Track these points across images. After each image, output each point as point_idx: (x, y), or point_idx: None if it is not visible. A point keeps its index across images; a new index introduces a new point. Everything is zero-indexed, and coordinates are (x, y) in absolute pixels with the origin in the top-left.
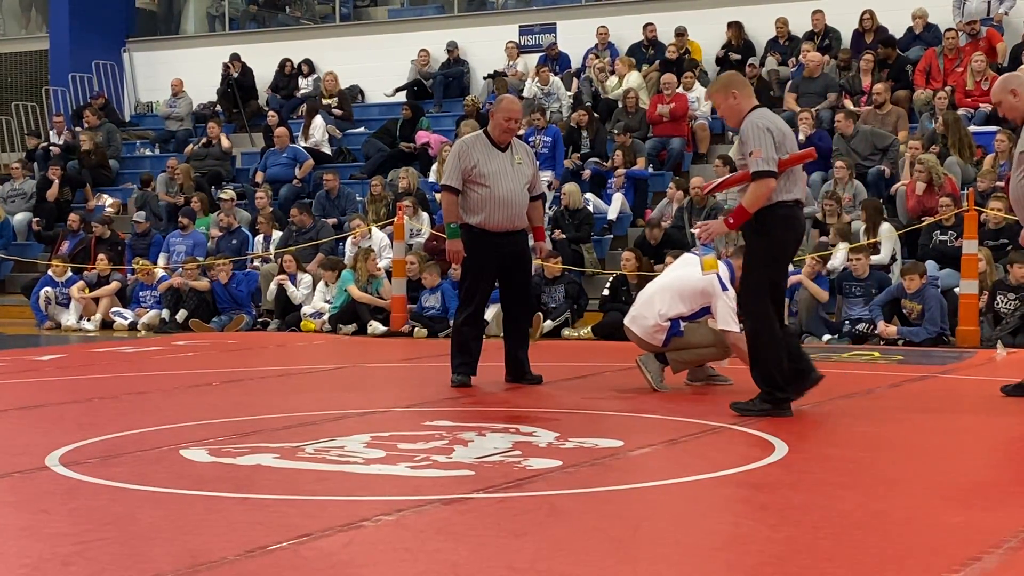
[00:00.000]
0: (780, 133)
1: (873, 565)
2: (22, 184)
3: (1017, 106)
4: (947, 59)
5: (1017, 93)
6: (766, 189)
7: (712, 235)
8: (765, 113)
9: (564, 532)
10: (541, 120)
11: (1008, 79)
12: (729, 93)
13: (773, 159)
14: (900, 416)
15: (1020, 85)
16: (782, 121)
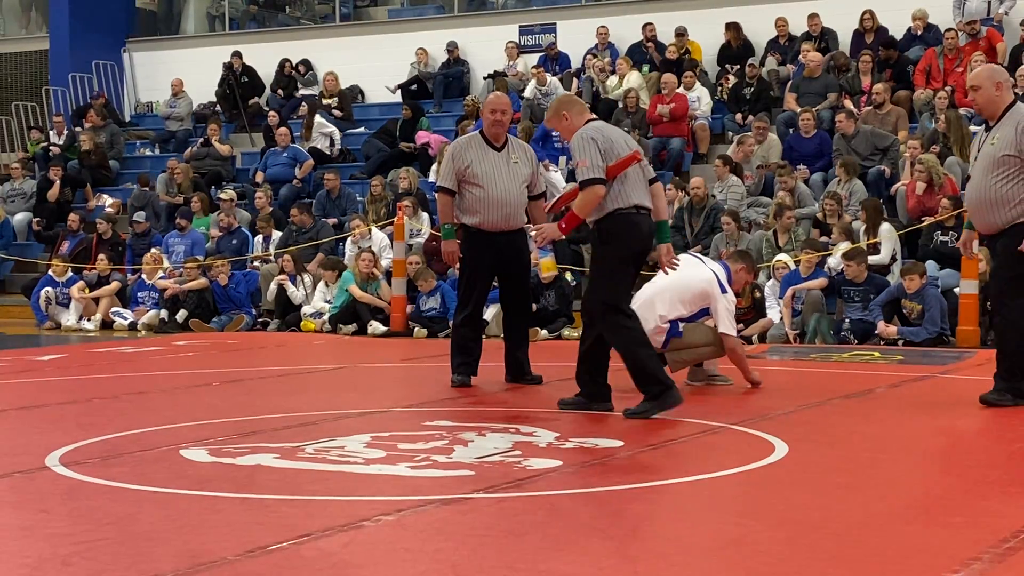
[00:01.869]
0: (606, 141)
1: (873, 565)
2: (22, 184)
3: (996, 101)
4: (947, 59)
5: (1001, 88)
6: (593, 196)
7: (546, 239)
8: (594, 125)
9: (564, 532)
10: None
11: (997, 71)
12: (561, 116)
13: (598, 166)
14: (900, 416)
15: (1006, 81)
16: (613, 129)
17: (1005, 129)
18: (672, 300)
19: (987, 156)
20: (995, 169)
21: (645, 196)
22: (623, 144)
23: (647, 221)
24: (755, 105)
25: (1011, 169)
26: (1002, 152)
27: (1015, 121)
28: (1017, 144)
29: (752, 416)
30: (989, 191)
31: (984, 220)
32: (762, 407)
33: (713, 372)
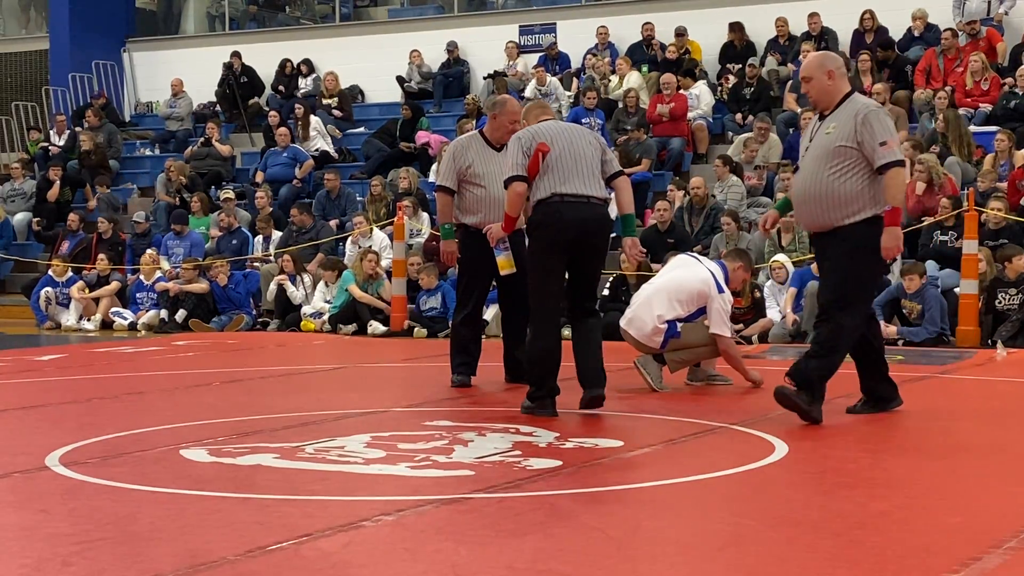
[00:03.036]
0: (529, 139)
1: (873, 565)
2: (22, 184)
3: (830, 91)
4: (947, 59)
5: (833, 76)
6: (513, 193)
7: (495, 237)
8: (534, 127)
9: (564, 532)
10: (591, 101)
11: (829, 58)
12: (523, 122)
13: (518, 164)
14: (900, 416)
15: (838, 69)
16: (543, 126)
17: (842, 119)
18: (669, 300)
19: (821, 147)
20: (830, 162)
21: (578, 185)
22: (546, 138)
23: (575, 208)
24: (755, 105)
25: (847, 162)
26: (838, 143)
27: (854, 111)
28: (856, 136)
29: (752, 416)
30: (821, 185)
31: (813, 216)
32: (762, 407)
33: (713, 372)
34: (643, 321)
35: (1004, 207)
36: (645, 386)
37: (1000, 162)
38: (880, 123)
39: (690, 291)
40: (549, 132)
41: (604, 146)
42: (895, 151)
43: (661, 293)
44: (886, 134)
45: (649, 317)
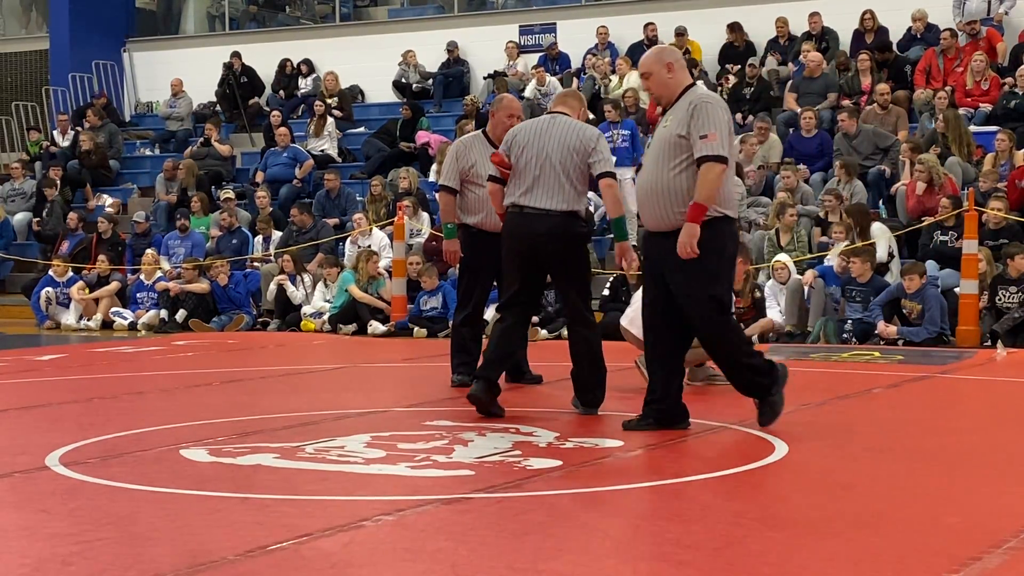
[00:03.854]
0: (508, 139)
1: (873, 565)
2: (22, 184)
3: (669, 84)
4: (947, 59)
5: (673, 69)
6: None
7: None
8: (517, 126)
9: (564, 532)
10: (613, 113)
11: (667, 51)
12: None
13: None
14: (900, 416)
15: (677, 61)
16: (524, 126)
17: (679, 110)
18: None
19: (660, 140)
20: (671, 156)
21: (538, 195)
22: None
23: (530, 222)
24: (755, 105)
25: (687, 155)
26: (675, 133)
27: (688, 101)
28: (687, 124)
29: (752, 416)
30: (662, 181)
31: (654, 214)
32: None
33: (713, 372)
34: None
35: (1004, 207)
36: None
37: (1000, 162)
38: (708, 115)
39: None
40: (527, 133)
41: (591, 147)
42: (715, 145)
43: None
44: (711, 127)
45: None
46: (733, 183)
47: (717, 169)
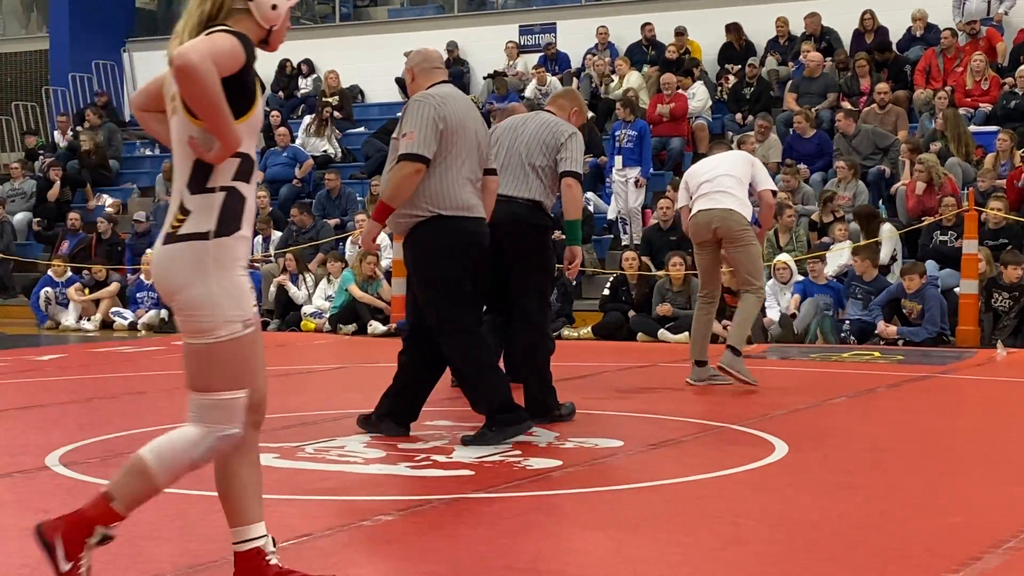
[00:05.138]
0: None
1: (873, 565)
2: (22, 184)
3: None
4: (947, 59)
5: (414, 77)
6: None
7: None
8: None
9: (564, 532)
10: (623, 112)
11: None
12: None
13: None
14: (900, 416)
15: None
16: (504, 123)
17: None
18: None
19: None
20: (391, 160)
21: (505, 184)
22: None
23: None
24: (755, 105)
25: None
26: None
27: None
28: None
29: (752, 416)
30: (383, 184)
31: (393, 221)
32: (762, 407)
33: (713, 372)
34: None
35: (1004, 207)
36: (649, 386)
37: (1001, 162)
38: (411, 114)
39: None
40: (504, 129)
41: (560, 142)
42: (409, 144)
43: None
44: (410, 126)
45: None
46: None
47: (408, 168)
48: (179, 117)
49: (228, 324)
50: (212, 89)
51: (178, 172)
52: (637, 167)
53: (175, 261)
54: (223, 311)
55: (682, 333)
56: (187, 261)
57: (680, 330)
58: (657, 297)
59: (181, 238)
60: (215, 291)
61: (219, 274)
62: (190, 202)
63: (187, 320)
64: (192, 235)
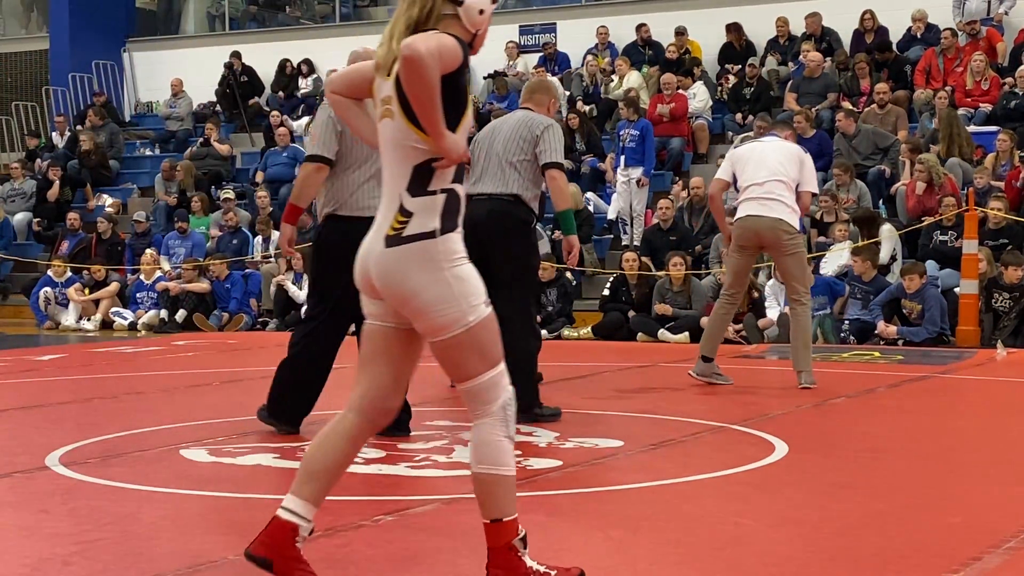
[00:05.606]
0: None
1: (873, 565)
2: (22, 184)
3: None
4: (947, 59)
5: None
6: None
7: None
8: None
9: (564, 532)
10: (627, 112)
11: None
12: None
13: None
14: (900, 416)
15: None
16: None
17: None
18: None
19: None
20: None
21: (485, 182)
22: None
23: (473, 207)
24: (755, 105)
25: None
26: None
27: None
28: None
29: (752, 416)
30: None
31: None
32: (762, 407)
33: (717, 370)
34: None
35: (1004, 207)
36: (649, 386)
37: (1001, 162)
38: (317, 115)
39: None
40: (484, 130)
41: (537, 135)
42: (310, 145)
43: None
44: (313, 127)
45: None
46: (353, 183)
47: (307, 168)
48: (395, 122)
49: (473, 309)
50: (434, 83)
51: (392, 175)
52: (640, 167)
53: (404, 262)
54: (466, 300)
55: (682, 333)
56: (417, 261)
57: (680, 330)
58: (657, 297)
59: (408, 239)
60: (452, 284)
61: (450, 268)
62: (411, 204)
63: (430, 320)
64: (419, 235)
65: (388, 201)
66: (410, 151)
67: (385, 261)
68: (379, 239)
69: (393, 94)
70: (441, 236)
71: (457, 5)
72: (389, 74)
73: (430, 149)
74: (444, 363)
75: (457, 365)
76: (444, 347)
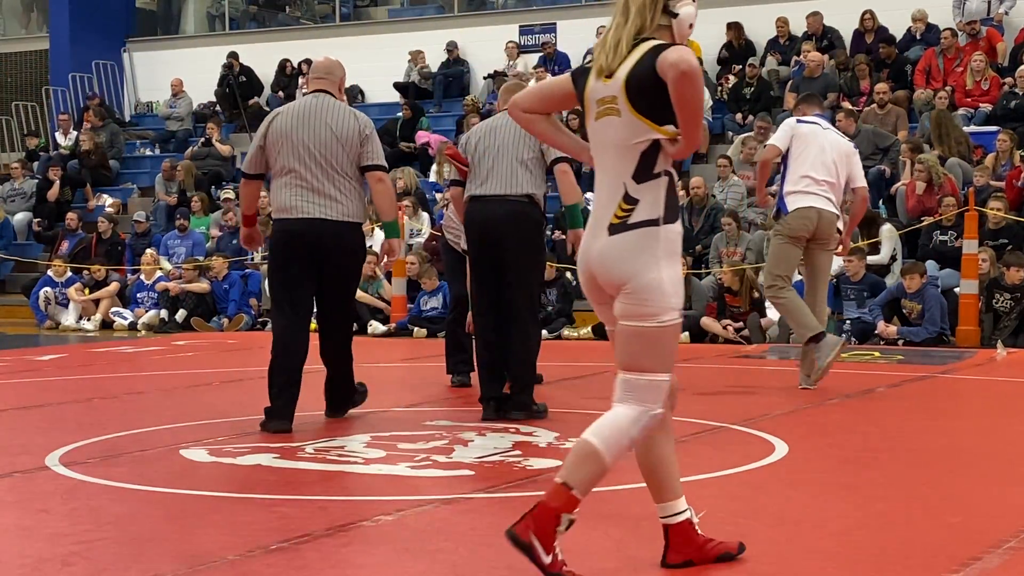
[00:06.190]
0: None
1: (873, 565)
2: (22, 184)
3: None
4: (947, 59)
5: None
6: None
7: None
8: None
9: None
10: None
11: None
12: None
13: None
14: (900, 416)
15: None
16: (482, 124)
17: None
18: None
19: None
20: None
21: (494, 183)
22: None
23: (487, 207)
24: (755, 105)
25: None
26: None
27: None
28: None
29: (752, 416)
30: None
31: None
32: (762, 407)
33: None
34: None
35: (1004, 207)
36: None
37: (1001, 162)
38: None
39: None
40: (481, 129)
41: None
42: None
43: None
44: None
45: None
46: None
47: (241, 183)
48: (622, 118)
49: (671, 311)
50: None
51: (614, 167)
52: None
53: (628, 249)
54: (669, 298)
55: (682, 333)
56: (640, 248)
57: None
58: None
59: (632, 226)
60: (664, 278)
61: (668, 261)
62: (636, 191)
63: (635, 304)
64: (644, 222)
65: (609, 192)
66: (638, 143)
67: (607, 247)
68: (601, 232)
69: (619, 94)
70: (663, 225)
71: (672, 17)
72: (609, 77)
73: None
74: (624, 346)
75: (635, 354)
76: (634, 333)
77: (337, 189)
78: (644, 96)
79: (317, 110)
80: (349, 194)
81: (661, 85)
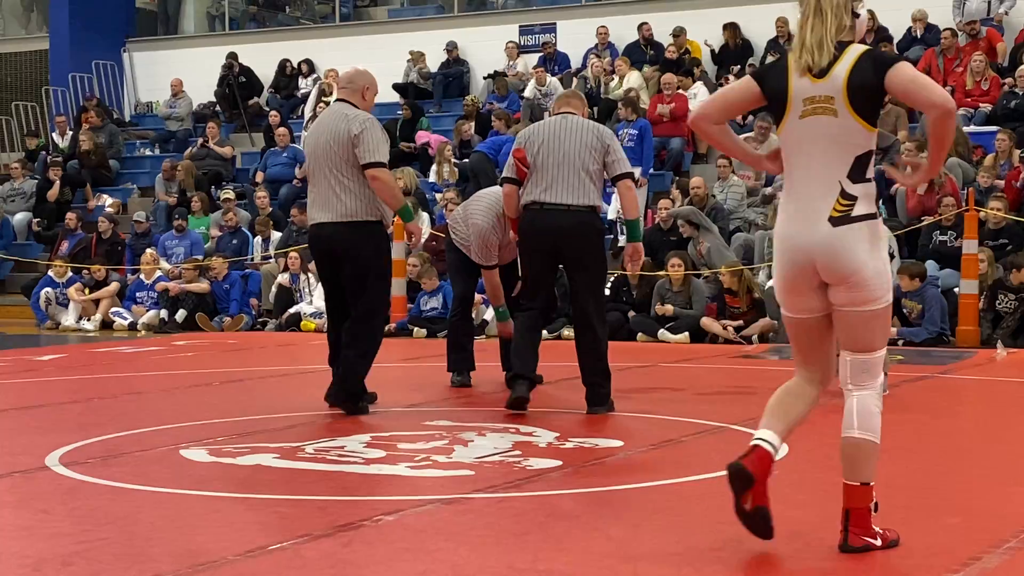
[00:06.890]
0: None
1: (873, 565)
2: (22, 184)
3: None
4: (947, 59)
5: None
6: (504, 195)
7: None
8: (530, 126)
9: (564, 532)
10: (625, 112)
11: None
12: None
13: (509, 165)
14: (900, 416)
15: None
16: (540, 125)
17: None
18: None
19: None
20: None
21: (559, 191)
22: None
23: (552, 217)
24: None
25: None
26: None
27: None
28: None
29: (752, 416)
30: None
31: None
32: (762, 407)
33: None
34: None
35: (1004, 207)
36: (649, 386)
37: (1001, 162)
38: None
39: None
40: (541, 132)
41: (607, 147)
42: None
43: None
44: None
45: None
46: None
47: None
48: (838, 119)
49: (889, 292)
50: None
51: (827, 165)
52: (638, 167)
53: (855, 239)
54: (888, 281)
55: (682, 333)
56: (866, 238)
57: (680, 330)
58: (657, 297)
59: (856, 219)
60: (881, 263)
61: (883, 248)
62: (853, 189)
63: (864, 291)
64: (866, 216)
65: (824, 188)
66: (853, 144)
67: (834, 238)
68: (819, 222)
69: (839, 95)
70: (878, 219)
71: (855, 17)
72: (819, 76)
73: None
74: (856, 331)
75: (867, 336)
76: (868, 317)
77: (340, 191)
78: (866, 101)
79: (327, 119)
80: (353, 194)
81: (881, 93)
